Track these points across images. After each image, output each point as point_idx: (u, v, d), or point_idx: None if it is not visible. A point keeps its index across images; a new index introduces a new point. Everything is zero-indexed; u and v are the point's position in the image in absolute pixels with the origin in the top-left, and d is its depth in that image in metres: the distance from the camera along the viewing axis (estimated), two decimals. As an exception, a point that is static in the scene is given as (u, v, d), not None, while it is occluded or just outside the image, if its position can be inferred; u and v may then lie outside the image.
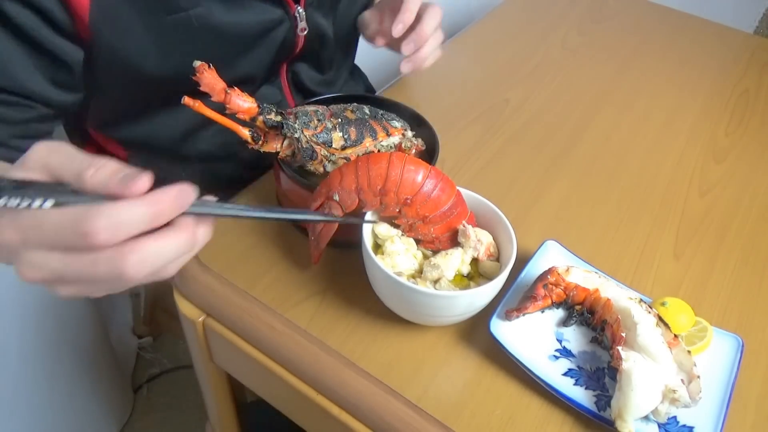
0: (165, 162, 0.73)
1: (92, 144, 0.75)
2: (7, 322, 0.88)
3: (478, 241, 0.51)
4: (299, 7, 0.69)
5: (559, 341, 0.52)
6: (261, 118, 0.53)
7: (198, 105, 0.49)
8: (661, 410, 0.46)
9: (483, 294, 0.49)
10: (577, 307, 0.53)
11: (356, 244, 0.51)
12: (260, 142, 0.55)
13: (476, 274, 0.53)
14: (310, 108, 0.58)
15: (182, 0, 0.58)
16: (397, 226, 0.53)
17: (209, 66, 0.51)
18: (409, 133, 0.60)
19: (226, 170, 0.75)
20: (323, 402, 0.51)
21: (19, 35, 0.52)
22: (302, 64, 0.77)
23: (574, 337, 0.53)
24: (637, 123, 0.84)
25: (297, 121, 0.55)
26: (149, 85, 0.62)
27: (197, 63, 0.51)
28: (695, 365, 0.47)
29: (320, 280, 0.57)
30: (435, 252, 0.53)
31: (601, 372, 0.50)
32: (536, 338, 0.52)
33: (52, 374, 1.01)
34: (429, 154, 0.61)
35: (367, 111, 0.61)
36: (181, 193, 0.32)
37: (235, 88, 0.52)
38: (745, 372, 0.52)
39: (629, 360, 0.47)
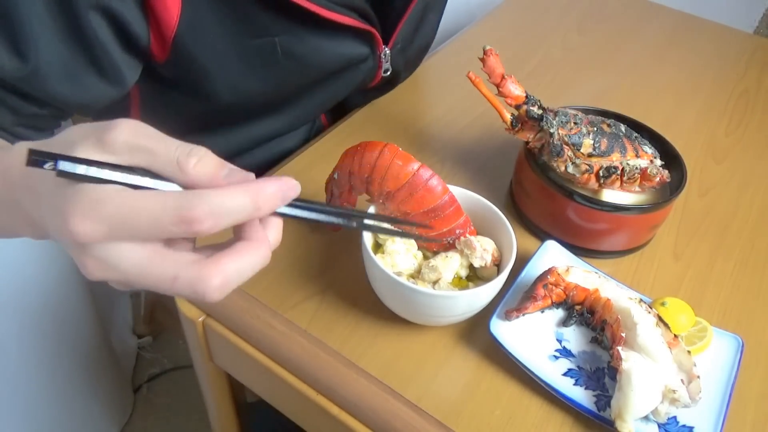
0: None
1: None
2: (7, 322, 0.88)
3: (485, 251, 0.51)
4: (387, 48, 0.68)
5: (559, 341, 0.52)
6: (525, 107, 0.59)
7: (478, 81, 0.58)
8: (661, 410, 0.46)
9: (483, 294, 0.49)
10: (577, 307, 0.53)
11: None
12: (516, 129, 0.61)
13: (474, 276, 0.53)
14: (571, 111, 0.61)
15: (270, 25, 0.57)
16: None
17: (495, 52, 0.59)
18: (658, 162, 0.60)
19: None
20: (323, 402, 0.51)
21: (82, 43, 0.49)
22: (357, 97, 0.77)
23: (574, 337, 0.53)
24: (637, 123, 0.84)
25: (556, 118, 0.58)
26: (215, 105, 0.61)
27: (487, 47, 0.58)
28: (695, 365, 0.47)
29: (320, 280, 0.57)
30: (435, 253, 0.53)
31: (601, 372, 0.50)
32: (536, 338, 0.52)
33: (52, 374, 1.01)
34: (673, 190, 0.60)
35: (623, 129, 0.61)
36: (285, 186, 0.30)
37: (512, 75, 0.59)
38: (745, 372, 0.52)
39: (629, 360, 0.47)
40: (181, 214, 0.27)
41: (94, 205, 0.27)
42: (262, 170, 0.74)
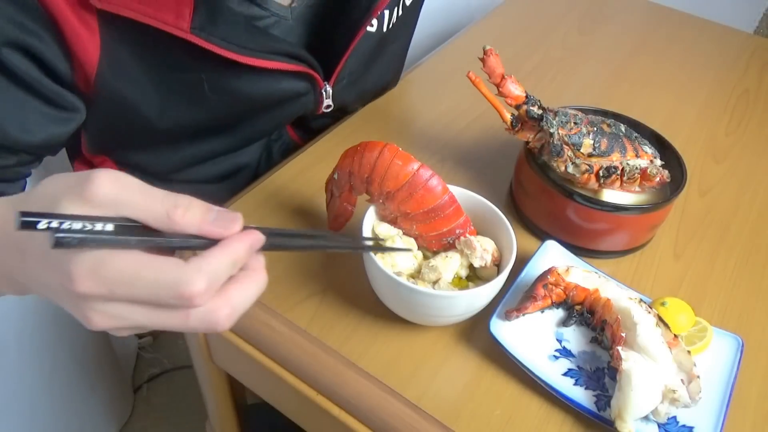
0: (159, 183, 0.71)
1: (83, 161, 0.73)
2: (7, 322, 0.88)
3: (485, 251, 0.51)
4: (327, 85, 0.66)
5: (559, 341, 0.52)
6: (525, 107, 0.60)
7: (478, 81, 0.58)
8: (661, 410, 0.46)
9: (483, 294, 0.49)
10: (577, 307, 0.53)
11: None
12: (516, 129, 0.61)
13: (474, 276, 0.53)
14: (571, 111, 0.61)
15: (195, 64, 0.56)
16: (384, 218, 0.53)
17: (495, 51, 0.59)
18: (658, 162, 0.60)
19: (220, 192, 0.73)
20: (323, 402, 0.51)
21: (19, 86, 0.50)
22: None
23: (574, 337, 0.53)
24: (637, 123, 0.84)
25: (556, 118, 0.58)
26: (151, 130, 0.61)
27: (487, 47, 0.58)
28: (695, 365, 0.47)
29: (320, 280, 0.57)
30: (435, 253, 0.53)
31: (601, 372, 0.50)
32: (536, 338, 0.52)
33: (52, 374, 1.01)
34: (673, 190, 0.60)
35: (623, 129, 0.61)
36: (254, 239, 0.32)
37: (512, 75, 0.60)
38: (745, 372, 0.52)
39: (629, 360, 0.47)
40: (179, 291, 0.29)
41: (97, 267, 0.28)
42: (216, 181, 0.73)
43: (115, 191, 0.29)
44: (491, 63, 0.59)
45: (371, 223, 0.53)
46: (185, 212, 0.29)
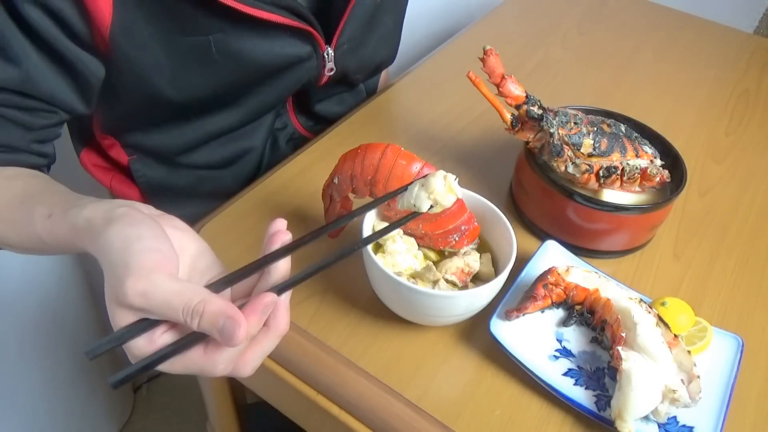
0: (165, 168, 0.72)
1: (94, 147, 0.75)
2: (7, 322, 0.88)
3: (433, 197, 0.51)
4: (329, 48, 0.67)
5: (559, 341, 0.52)
6: (525, 107, 0.59)
7: (478, 81, 0.58)
8: (661, 410, 0.46)
9: (482, 294, 0.49)
10: (577, 307, 0.53)
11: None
12: (516, 129, 0.61)
13: (475, 276, 0.53)
14: (571, 111, 0.61)
15: (202, 24, 0.56)
16: (388, 219, 0.53)
17: (495, 51, 0.59)
18: (658, 162, 0.60)
19: (224, 179, 0.75)
20: (323, 402, 0.51)
21: (43, 46, 0.51)
22: (315, 91, 0.76)
23: (574, 337, 0.53)
24: (637, 123, 0.84)
25: (556, 118, 0.58)
26: (162, 100, 0.62)
27: (487, 46, 0.58)
28: (695, 365, 0.47)
29: (320, 280, 0.57)
30: (439, 253, 0.53)
31: (601, 372, 0.50)
32: (536, 338, 0.52)
33: (52, 374, 1.01)
34: (673, 190, 0.60)
35: (623, 129, 0.61)
36: (263, 307, 0.35)
37: (512, 75, 0.60)
38: (745, 372, 0.52)
39: (629, 360, 0.47)
40: (204, 372, 0.35)
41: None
42: (221, 166, 0.74)
43: (145, 305, 0.34)
44: (491, 63, 0.59)
45: (371, 224, 0.53)
46: (199, 323, 0.33)
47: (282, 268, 0.38)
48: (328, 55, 0.67)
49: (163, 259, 0.35)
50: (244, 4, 0.55)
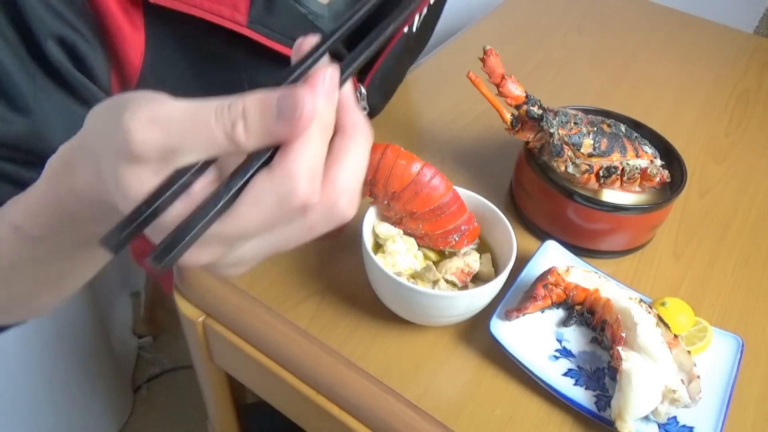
0: None
1: None
2: (7, 322, 0.88)
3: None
4: (362, 87, 0.65)
5: (559, 341, 0.52)
6: (525, 107, 0.59)
7: (478, 81, 0.58)
8: (661, 410, 0.46)
9: (482, 294, 0.49)
10: (577, 307, 0.53)
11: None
12: (516, 129, 0.61)
13: (475, 276, 0.53)
14: (571, 111, 0.61)
15: (238, 61, 0.54)
16: (388, 219, 0.53)
17: (495, 51, 0.59)
18: (658, 162, 0.60)
19: None
20: (323, 402, 0.51)
21: (63, 88, 0.45)
22: None
23: (574, 337, 0.53)
24: (637, 123, 0.84)
25: (556, 118, 0.58)
26: None
27: (487, 46, 0.58)
28: (695, 365, 0.47)
29: (320, 280, 0.57)
30: (439, 252, 0.53)
31: (601, 372, 0.50)
32: (536, 338, 0.52)
33: (52, 374, 1.01)
34: (673, 190, 0.60)
35: (623, 129, 0.61)
36: (328, 86, 0.25)
37: (512, 75, 0.60)
38: (745, 372, 0.52)
39: (629, 360, 0.47)
40: (289, 206, 0.24)
41: (201, 244, 0.24)
42: None
43: (162, 139, 0.24)
44: (491, 63, 0.59)
45: (371, 223, 0.53)
46: (246, 126, 0.24)
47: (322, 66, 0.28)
48: (360, 93, 0.66)
49: (159, 95, 0.26)
50: (285, 46, 0.53)
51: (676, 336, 0.48)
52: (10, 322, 0.47)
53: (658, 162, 0.60)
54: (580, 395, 0.48)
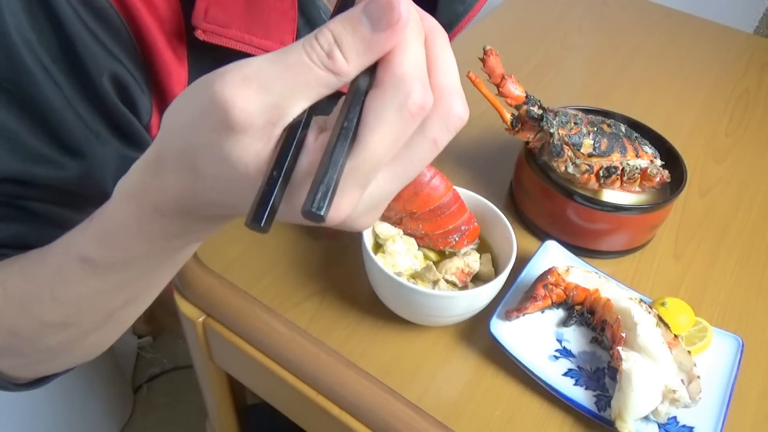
0: None
1: None
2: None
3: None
4: None
5: (559, 341, 0.52)
6: (525, 107, 0.59)
7: (478, 81, 0.57)
8: (661, 410, 0.46)
9: (482, 294, 0.49)
10: (577, 308, 0.53)
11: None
12: (516, 129, 0.61)
13: (475, 276, 0.53)
14: (571, 111, 0.61)
15: None
16: (388, 219, 0.53)
17: (495, 51, 0.59)
18: (658, 162, 0.60)
19: None
20: (323, 402, 0.51)
21: (118, 129, 0.44)
22: None
23: (574, 338, 0.53)
24: (637, 123, 0.84)
25: (556, 118, 0.58)
26: None
27: (487, 47, 0.58)
28: (695, 365, 0.47)
29: (320, 280, 0.57)
30: (439, 252, 0.53)
31: (601, 372, 0.50)
32: (536, 338, 0.52)
33: (52, 374, 1.00)
34: (673, 190, 0.60)
35: (623, 129, 0.62)
36: None
37: (512, 75, 0.59)
38: (745, 372, 0.52)
39: (629, 360, 0.47)
40: (409, 110, 0.23)
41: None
42: None
43: (262, 97, 0.22)
44: (491, 63, 0.59)
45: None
46: (343, 51, 0.22)
47: None
48: None
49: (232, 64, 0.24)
50: None
51: (676, 336, 0.48)
52: (58, 369, 0.45)
53: (658, 162, 0.60)
54: (580, 395, 0.48)
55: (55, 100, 0.40)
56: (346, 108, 0.23)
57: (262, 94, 0.22)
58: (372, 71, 0.24)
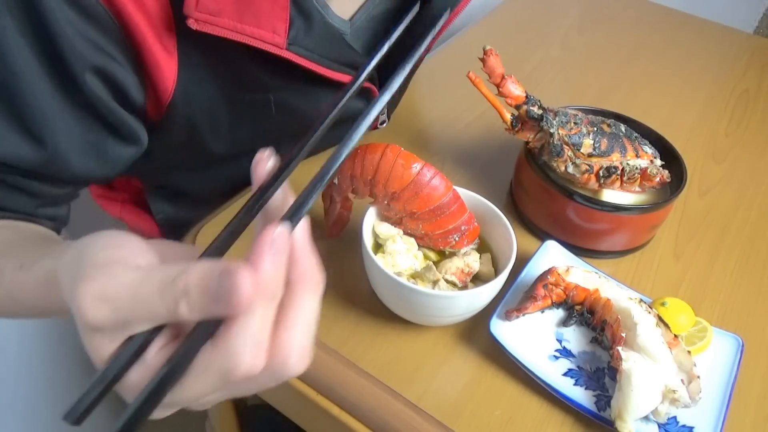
0: (188, 206, 0.70)
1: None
2: (7, 322, 0.88)
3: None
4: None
5: (559, 341, 0.52)
6: (525, 107, 0.59)
7: (478, 81, 0.58)
8: (661, 410, 0.46)
9: (483, 294, 0.49)
10: (577, 308, 0.53)
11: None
12: (516, 129, 0.61)
13: (475, 276, 0.53)
14: (571, 111, 0.61)
15: (265, 82, 0.55)
16: (388, 219, 0.53)
17: (495, 51, 0.59)
18: (658, 162, 0.60)
19: None
20: (323, 402, 0.51)
21: (97, 115, 0.47)
22: None
23: (574, 338, 0.53)
24: (637, 123, 0.84)
25: (556, 118, 0.58)
26: (205, 152, 0.60)
27: (487, 47, 0.58)
28: (695, 365, 0.47)
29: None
30: (439, 252, 0.53)
31: (601, 372, 0.50)
32: (536, 338, 0.52)
33: (52, 374, 1.01)
34: (673, 190, 0.60)
35: (623, 129, 0.61)
36: (276, 250, 0.25)
37: (512, 75, 0.60)
38: (745, 372, 0.52)
39: (629, 360, 0.47)
40: (229, 373, 0.25)
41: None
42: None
43: (111, 314, 0.25)
44: (491, 63, 0.59)
45: (371, 223, 0.53)
46: (188, 304, 0.24)
47: (278, 199, 0.29)
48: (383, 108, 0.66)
49: (124, 254, 0.27)
50: (316, 63, 0.53)
51: (676, 336, 0.48)
52: None
53: (658, 162, 0.60)
54: (580, 395, 0.48)
55: (30, 85, 0.43)
56: (180, 346, 0.25)
57: (111, 312, 0.25)
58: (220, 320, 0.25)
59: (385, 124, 0.69)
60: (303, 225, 0.27)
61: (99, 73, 0.45)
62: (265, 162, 0.29)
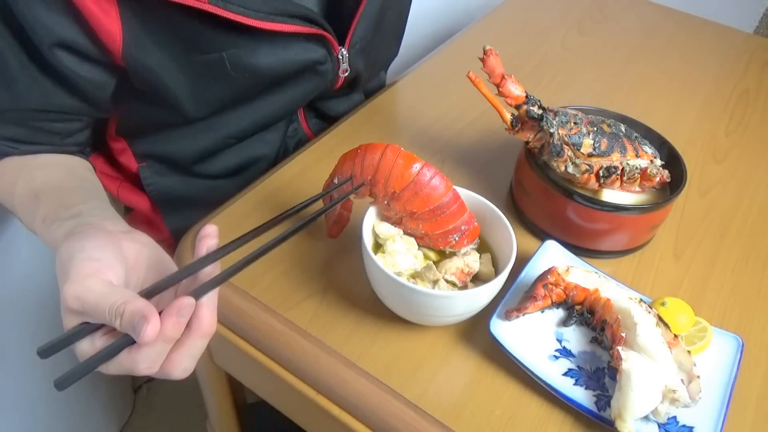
0: (176, 176, 0.72)
1: (103, 153, 0.74)
2: (7, 322, 0.88)
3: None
4: (343, 49, 0.66)
5: (559, 341, 0.52)
6: (525, 107, 0.59)
7: (478, 81, 0.58)
8: (661, 410, 0.46)
9: (482, 294, 0.49)
10: (577, 307, 0.53)
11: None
12: (516, 129, 0.61)
13: (475, 276, 0.53)
14: (571, 111, 0.61)
15: (214, 41, 0.56)
16: (388, 219, 0.53)
17: (495, 51, 0.59)
18: (658, 162, 0.60)
19: (233, 187, 0.74)
20: (323, 402, 0.51)
21: (54, 76, 0.54)
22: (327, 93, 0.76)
23: (574, 337, 0.53)
24: (637, 123, 0.84)
25: (556, 118, 0.58)
26: (181, 113, 0.62)
27: (487, 46, 0.59)
28: (695, 365, 0.47)
29: (320, 280, 0.57)
30: (439, 252, 0.53)
31: (601, 372, 0.50)
32: (536, 338, 0.52)
33: (52, 374, 1.00)
34: (673, 190, 0.60)
35: (623, 129, 0.62)
36: (181, 312, 0.36)
37: (512, 75, 0.60)
38: (745, 372, 0.52)
39: (629, 360, 0.47)
40: (130, 371, 0.38)
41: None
42: (233, 174, 0.74)
43: (79, 308, 0.38)
44: (491, 63, 0.59)
45: (371, 223, 0.53)
46: (120, 324, 0.36)
47: (207, 272, 0.39)
48: (342, 56, 0.67)
49: (99, 267, 0.39)
50: (255, 19, 0.55)
51: (676, 336, 0.48)
52: None
53: (658, 162, 0.60)
54: (580, 395, 0.48)
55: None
56: (115, 342, 0.37)
57: (80, 307, 0.38)
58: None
59: (347, 73, 0.69)
60: (212, 294, 0.38)
61: (63, 46, 0.51)
62: (209, 240, 0.40)
